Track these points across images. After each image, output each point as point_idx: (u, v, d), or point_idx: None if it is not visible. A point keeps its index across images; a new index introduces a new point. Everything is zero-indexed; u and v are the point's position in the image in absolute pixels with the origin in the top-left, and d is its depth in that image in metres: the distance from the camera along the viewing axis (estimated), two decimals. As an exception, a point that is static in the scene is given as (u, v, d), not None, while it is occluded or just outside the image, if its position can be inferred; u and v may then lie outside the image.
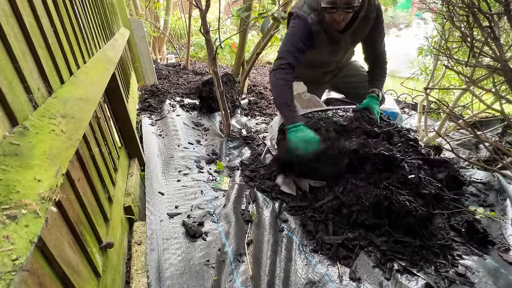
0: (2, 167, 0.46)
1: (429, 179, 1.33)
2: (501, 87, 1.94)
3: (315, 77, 2.04)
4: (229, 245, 1.21)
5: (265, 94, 3.41)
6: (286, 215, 1.38)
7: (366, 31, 1.65)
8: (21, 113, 0.57)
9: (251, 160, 1.91)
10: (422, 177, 1.28)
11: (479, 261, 1.12)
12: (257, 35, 5.85)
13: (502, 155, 1.57)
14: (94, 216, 0.87)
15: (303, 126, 1.43)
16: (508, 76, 0.98)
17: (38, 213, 0.45)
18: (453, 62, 1.80)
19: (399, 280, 1.04)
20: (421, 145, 1.65)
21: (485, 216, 1.37)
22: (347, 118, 1.57)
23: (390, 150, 1.41)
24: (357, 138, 1.46)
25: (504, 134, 2.48)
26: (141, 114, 2.50)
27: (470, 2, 1.11)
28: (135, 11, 4.31)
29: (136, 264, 1.11)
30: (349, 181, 1.37)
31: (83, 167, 0.86)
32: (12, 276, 0.36)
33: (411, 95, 3.60)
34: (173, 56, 5.74)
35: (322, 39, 1.61)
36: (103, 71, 1.23)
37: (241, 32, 3.20)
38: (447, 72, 2.53)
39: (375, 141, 1.44)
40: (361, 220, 1.24)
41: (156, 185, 1.57)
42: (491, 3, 1.56)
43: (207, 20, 1.82)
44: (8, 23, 0.58)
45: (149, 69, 3.44)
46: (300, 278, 1.06)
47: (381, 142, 1.45)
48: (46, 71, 0.72)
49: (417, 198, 1.22)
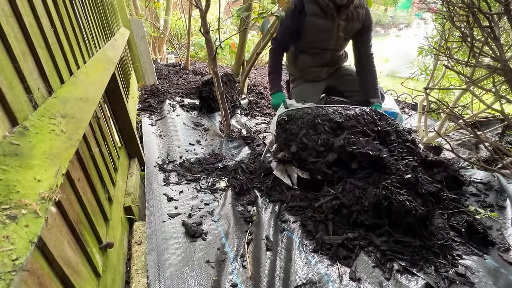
0: (2, 167, 0.46)
1: (426, 178, 1.33)
2: (501, 87, 1.94)
3: (313, 73, 2.05)
4: (229, 245, 1.22)
5: (265, 94, 3.41)
6: (286, 215, 1.38)
7: (356, 27, 1.81)
8: (21, 113, 0.57)
9: (251, 160, 1.91)
10: (418, 177, 1.28)
11: (479, 261, 1.12)
12: (257, 35, 5.85)
13: (502, 155, 1.57)
14: (94, 216, 0.87)
15: (280, 93, 1.91)
16: (508, 76, 0.98)
17: (38, 213, 0.45)
18: (453, 62, 1.80)
19: (399, 280, 1.04)
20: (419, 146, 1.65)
21: (485, 216, 1.37)
22: (345, 116, 1.58)
23: (378, 150, 1.42)
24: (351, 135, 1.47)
25: (504, 134, 2.48)
26: (141, 114, 2.50)
27: (470, 2, 1.11)
28: (135, 11, 4.31)
29: (136, 264, 1.11)
30: (348, 181, 1.37)
31: (83, 167, 0.86)
32: (12, 276, 0.36)
33: (411, 95, 3.60)
34: (173, 56, 5.74)
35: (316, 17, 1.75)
36: (103, 71, 1.23)
37: (241, 32, 3.20)
38: (447, 72, 2.53)
39: (365, 140, 1.45)
40: (361, 220, 1.24)
41: (156, 185, 1.57)
42: (491, 3, 1.56)
43: (207, 20, 1.82)
44: (8, 23, 0.58)
45: (149, 69, 3.44)
46: (300, 278, 1.06)
47: (371, 141, 1.45)
48: (46, 71, 0.72)
49: (416, 197, 1.22)
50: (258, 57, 3.04)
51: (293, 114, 1.65)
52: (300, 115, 1.62)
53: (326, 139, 1.47)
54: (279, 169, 1.62)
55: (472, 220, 1.25)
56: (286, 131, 1.60)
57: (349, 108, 1.66)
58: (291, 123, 1.62)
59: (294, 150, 1.51)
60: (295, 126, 1.58)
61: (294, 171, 1.53)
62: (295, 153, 1.51)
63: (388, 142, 1.58)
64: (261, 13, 1.82)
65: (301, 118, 1.58)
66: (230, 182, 1.64)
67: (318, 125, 1.53)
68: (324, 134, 1.50)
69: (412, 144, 1.58)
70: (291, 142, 1.54)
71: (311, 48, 1.94)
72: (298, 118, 1.60)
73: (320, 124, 1.53)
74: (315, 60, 1.99)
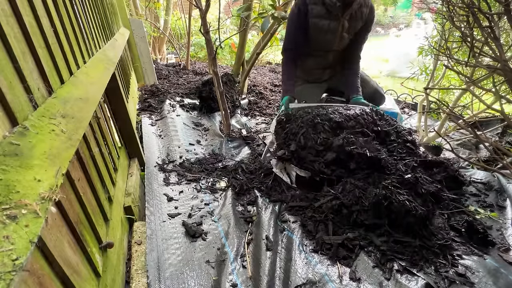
0: (2, 167, 0.46)
1: (425, 178, 1.33)
2: (501, 87, 1.94)
3: (315, 75, 2.05)
4: (229, 245, 1.21)
5: (265, 94, 3.41)
6: (286, 215, 1.38)
7: (358, 26, 1.80)
8: (21, 113, 0.57)
9: (251, 160, 1.91)
10: (418, 177, 1.28)
11: (479, 261, 1.12)
12: (257, 35, 5.85)
13: (502, 155, 1.57)
14: (94, 216, 0.87)
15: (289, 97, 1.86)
16: (508, 76, 0.98)
17: (38, 213, 0.45)
18: (453, 62, 1.80)
19: (399, 280, 1.04)
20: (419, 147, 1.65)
21: (485, 216, 1.37)
22: (345, 116, 1.57)
23: (377, 150, 1.42)
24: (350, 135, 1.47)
25: (504, 134, 2.48)
26: (141, 114, 2.50)
27: (470, 2, 1.11)
28: (135, 11, 4.31)
29: (136, 264, 1.11)
30: (348, 181, 1.37)
31: (83, 167, 0.86)
32: (12, 276, 0.36)
33: (411, 95, 3.60)
34: (173, 56, 5.74)
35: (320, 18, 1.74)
36: (103, 71, 1.23)
37: (241, 32, 3.20)
38: (447, 72, 2.53)
39: (364, 140, 1.45)
40: (361, 220, 1.24)
41: (156, 185, 1.57)
42: (491, 3, 1.56)
43: (207, 20, 1.82)
44: (8, 23, 0.58)
45: (149, 69, 3.44)
46: (300, 278, 1.06)
47: (370, 141, 1.45)
48: (46, 71, 0.72)
49: (416, 197, 1.22)
50: (258, 57, 3.05)
51: (293, 113, 1.65)
52: (300, 114, 1.62)
53: (325, 138, 1.48)
54: (278, 167, 1.63)
55: (472, 220, 1.25)
56: (286, 130, 1.61)
57: (349, 108, 1.67)
58: (291, 122, 1.62)
59: (293, 148, 1.52)
60: (294, 125, 1.58)
61: (293, 169, 1.53)
62: (294, 152, 1.51)
63: (388, 142, 1.58)
64: (261, 13, 1.82)
65: (301, 118, 1.59)
66: (230, 182, 1.64)
67: (317, 124, 1.53)
68: (324, 133, 1.50)
69: (412, 144, 1.58)
70: (291, 141, 1.55)
71: (314, 50, 1.93)
72: (298, 117, 1.60)
73: (319, 124, 1.53)
74: (318, 62, 1.99)
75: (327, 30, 1.78)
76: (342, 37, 1.82)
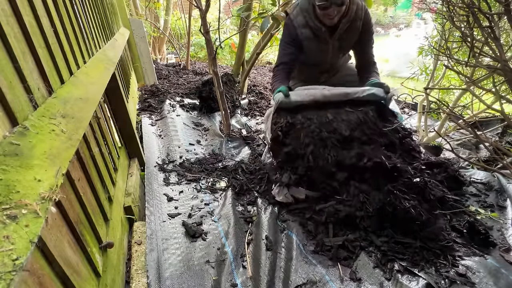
0: (2, 167, 0.46)
1: (434, 182, 1.31)
2: (501, 87, 1.94)
3: (311, 77, 2.04)
4: (229, 245, 1.21)
5: (265, 94, 3.41)
6: (286, 215, 1.38)
7: (353, 40, 1.73)
8: (21, 113, 0.57)
9: (251, 160, 1.91)
10: (427, 181, 1.26)
11: (480, 261, 1.12)
12: (257, 35, 5.85)
13: (502, 155, 1.57)
14: (94, 216, 0.87)
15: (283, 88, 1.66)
16: (508, 76, 0.98)
17: (38, 213, 0.45)
18: (453, 62, 1.80)
19: (400, 280, 1.04)
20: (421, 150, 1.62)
21: (485, 216, 1.37)
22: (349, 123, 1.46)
23: (389, 157, 1.37)
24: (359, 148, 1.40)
25: (504, 134, 2.48)
26: (141, 114, 2.49)
27: (470, 2, 1.10)
28: (135, 11, 4.31)
29: (136, 264, 1.11)
30: (352, 184, 1.35)
31: (83, 167, 0.86)
32: (12, 276, 0.36)
33: (411, 95, 3.60)
34: (173, 56, 5.74)
35: (309, 41, 1.69)
36: (103, 71, 1.23)
37: (241, 32, 3.20)
38: (447, 72, 2.53)
39: (372, 148, 1.39)
40: (364, 227, 1.23)
41: (156, 185, 1.57)
42: (491, 3, 1.56)
43: (207, 20, 1.82)
44: (8, 23, 0.58)
45: (149, 69, 3.44)
46: (300, 278, 1.06)
47: (379, 149, 1.40)
48: (46, 71, 0.72)
49: (422, 202, 1.20)
50: (258, 57, 3.04)
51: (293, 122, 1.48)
52: (300, 122, 1.46)
53: (335, 156, 1.37)
54: (282, 194, 1.44)
55: (473, 221, 1.25)
56: (287, 146, 1.45)
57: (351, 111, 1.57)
58: (290, 135, 1.46)
59: (302, 172, 1.39)
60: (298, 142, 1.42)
61: (300, 192, 1.42)
62: (303, 175, 1.39)
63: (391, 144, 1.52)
64: (261, 13, 1.82)
65: (304, 128, 1.43)
66: (230, 182, 1.64)
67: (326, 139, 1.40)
68: (333, 150, 1.38)
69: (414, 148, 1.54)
70: (296, 160, 1.41)
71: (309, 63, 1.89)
72: (298, 129, 1.44)
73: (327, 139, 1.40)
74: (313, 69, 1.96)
75: (318, 51, 1.74)
76: (334, 54, 1.78)
